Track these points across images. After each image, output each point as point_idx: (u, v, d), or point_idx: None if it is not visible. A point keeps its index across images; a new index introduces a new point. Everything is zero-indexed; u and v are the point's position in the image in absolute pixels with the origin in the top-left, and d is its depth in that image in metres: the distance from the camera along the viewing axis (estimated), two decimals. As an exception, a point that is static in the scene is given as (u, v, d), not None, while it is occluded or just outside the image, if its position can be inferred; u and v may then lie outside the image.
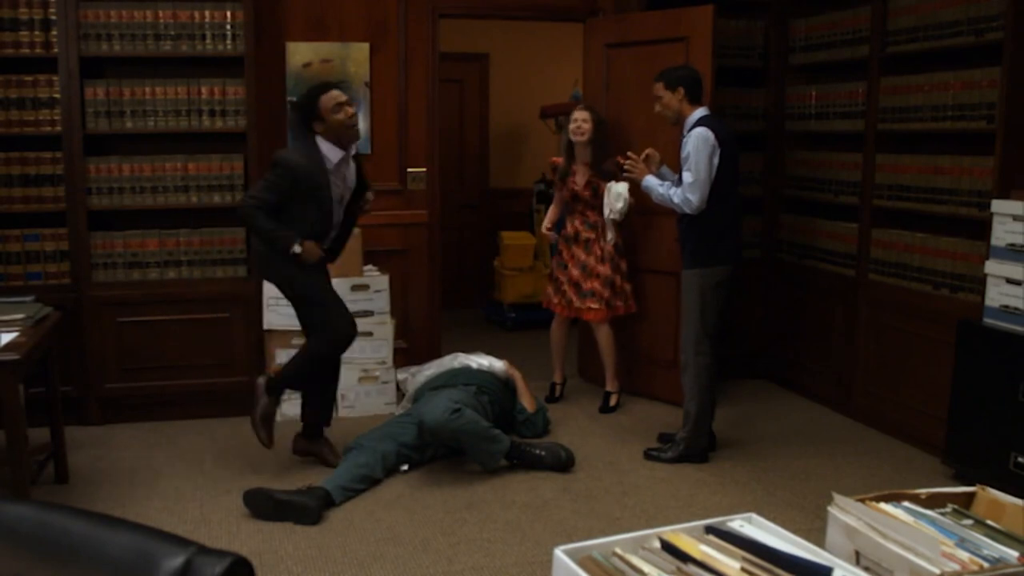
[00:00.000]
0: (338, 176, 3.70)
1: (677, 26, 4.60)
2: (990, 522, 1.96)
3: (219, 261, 4.54)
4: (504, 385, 4.38)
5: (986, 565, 1.77)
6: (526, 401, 4.41)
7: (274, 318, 4.48)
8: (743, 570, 1.59)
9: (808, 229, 4.98)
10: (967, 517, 1.98)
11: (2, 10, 4.18)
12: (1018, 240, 3.53)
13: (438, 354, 4.89)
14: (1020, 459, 3.48)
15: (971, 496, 2.09)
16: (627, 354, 4.91)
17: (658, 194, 3.92)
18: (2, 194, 4.30)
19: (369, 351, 4.65)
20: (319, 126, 3.64)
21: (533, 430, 4.34)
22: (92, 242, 4.40)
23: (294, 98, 4.79)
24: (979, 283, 3.76)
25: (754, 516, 1.87)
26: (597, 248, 4.63)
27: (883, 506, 1.99)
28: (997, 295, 3.62)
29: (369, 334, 4.62)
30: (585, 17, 5.19)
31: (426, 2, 4.97)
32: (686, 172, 3.79)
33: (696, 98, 3.89)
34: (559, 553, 1.70)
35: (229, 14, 4.41)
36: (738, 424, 4.55)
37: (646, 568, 1.63)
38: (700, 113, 3.87)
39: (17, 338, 3.28)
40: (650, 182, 3.96)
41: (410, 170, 5.05)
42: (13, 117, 4.27)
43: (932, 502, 2.05)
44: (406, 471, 3.86)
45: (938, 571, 1.71)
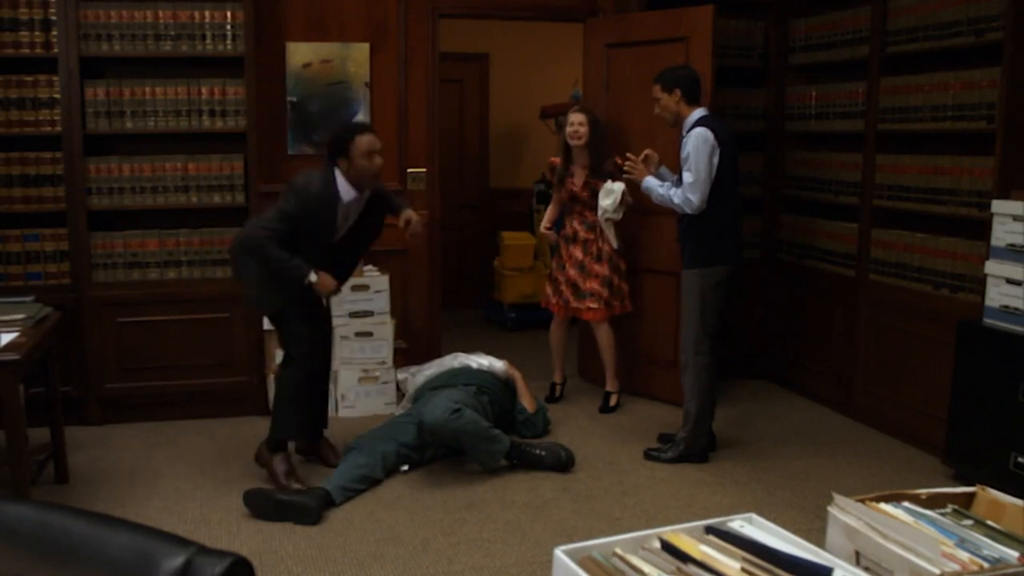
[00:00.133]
0: (342, 215, 3.66)
1: (677, 26, 4.59)
2: (990, 522, 1.96)
3: (219, 261, 4.53)
4: (504, 385, 4.38)
5: (986, 565, 1.77)
6: (526, 401, 4.41)
7: (274, 318, 4.49)
8: (743, 570, 1.59)
9: (808, 229, 4.98)
10: (967, 517, 1.98)
11: (2, 10, 4.18)
12: (1018, 240, 3.53)
13: (438, 354, 4.88)
14: (1020, 459, 3.48)
15: (971, 496, 2.09)
16: (627, 354, 4.91)
17: (658, 194, 3.92)
18: (2, 194, 4.30)
19: (369, 351, 4.65)
20: (344, 164, 3.57)
21: (533, 430, 4.34)
22: (92, 242, 4.40)
23: (294, 98, 4.80)
24: (979, 283, 3.76)
25: (754, 516, 1.87)
26: (595, 248, 4.63)
27: (883, 506, 2.00)
28: (997, 295, 3.62)
29: (369, 334, 4.62)
30: (585, 17, 5.19)
31: (426, 2, 4.97)
32: (686, 172, 3.79)
33: (694, 99, 3.89)
34: (559, 553, 1.70)
35: (229, 14, 4.42)
36: (738, 424, 4.55)
37: (646, 568, 1.63)
38: (699, 113, 3.87)
39: (17, 338, 3.29)
40: (650, 183, 3.96)
41: (410, 170, 5.04)
42: (13, 117, 4.27)
43: (932, 502, 2.05)
44: (406, 471, 3.86)
45: (938, 571, 1.71)
